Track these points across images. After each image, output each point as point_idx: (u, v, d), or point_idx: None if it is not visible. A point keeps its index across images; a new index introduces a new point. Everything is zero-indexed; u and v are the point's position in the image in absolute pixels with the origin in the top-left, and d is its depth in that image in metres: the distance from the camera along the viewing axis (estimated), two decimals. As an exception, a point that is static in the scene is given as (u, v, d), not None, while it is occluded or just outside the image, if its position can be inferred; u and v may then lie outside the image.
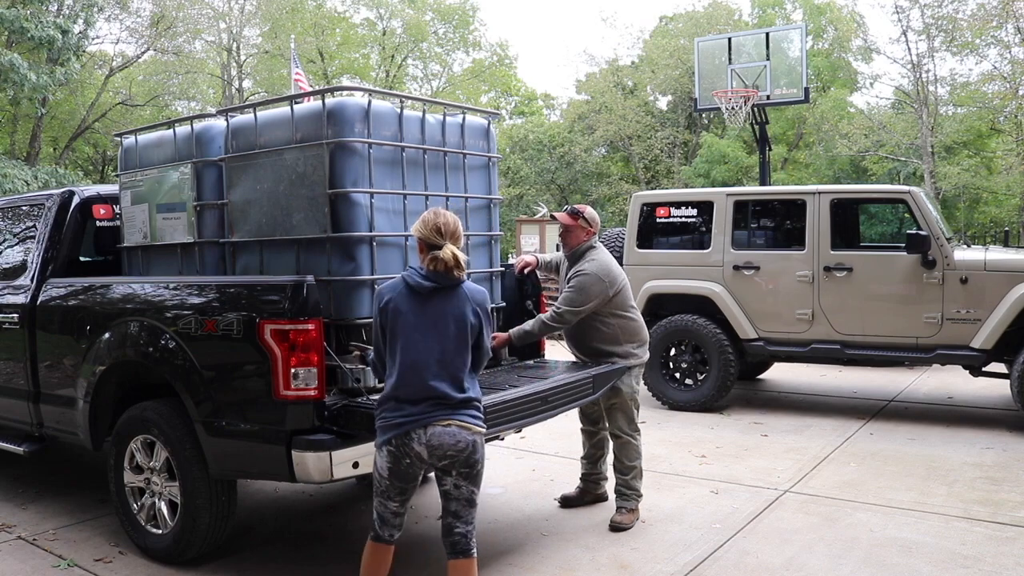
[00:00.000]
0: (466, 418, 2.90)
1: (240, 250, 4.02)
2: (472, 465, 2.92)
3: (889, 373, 9.00)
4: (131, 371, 4.16)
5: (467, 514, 2.97)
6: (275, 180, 3.79)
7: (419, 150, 4.00)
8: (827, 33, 29.84)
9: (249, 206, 3.93)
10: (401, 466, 2.90)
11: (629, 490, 4.44)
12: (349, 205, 3.62)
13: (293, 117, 3.74)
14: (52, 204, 4.82)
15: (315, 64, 30.45)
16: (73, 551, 4.15)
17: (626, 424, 4.44)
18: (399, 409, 2.87)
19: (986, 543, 4.05)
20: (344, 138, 3.62)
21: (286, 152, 3.75)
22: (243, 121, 4.02)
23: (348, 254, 3.64)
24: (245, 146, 3.94)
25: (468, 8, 34.09)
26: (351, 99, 3.79)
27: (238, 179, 3.97)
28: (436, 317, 2.90)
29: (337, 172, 3.60)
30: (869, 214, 10.92)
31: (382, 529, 3.03)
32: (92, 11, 20.63)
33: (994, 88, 23.41)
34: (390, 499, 2.98)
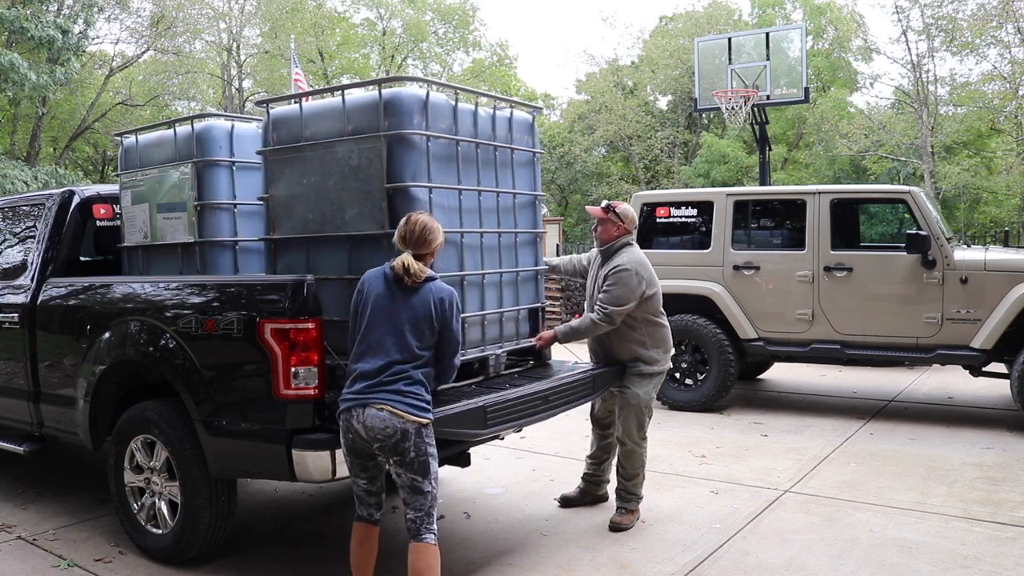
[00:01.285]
0: (400, 405, 2.96)
1: (283, 248, 3.84)
2: (401, 453, 2.97)
3: (889, 373, 9.00)
4: (131, 371, 4.15)
5: (413, 501, 3.05)
6: (324, 174, 3.63)
7: (471, 144, 3.87)
8: (827, 33, 29.86)
9: (294, 201, 3.75)
10: (347, 440, 3.05)
11: (629, 494, 4.43)
12: (408, 200, 3.47)
13: (345, 108, 3.58)
14: (52, 204, 4.81)
15: (315, 64, 30.46)
16: (73, 551, 4.15)
17: (636, 431, 4.35)
18: (350, 387, 3.03)
19: (986, 543, 4.05)
20: (403, 130, 3.48)
21: (338, 144, 3.58)
22: (286, 112, 3.83)
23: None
24: (288, 138, 3.76)
25: (468, 8, 34.10)
26: (408, 89, 3.62)
27: (281, 173, 3.78)
28: (399, 307, 3.05)
29: (395, 165, 3.46)
30: (869, 214, 10.94)
31: (360, 508, 3.20)
32: (92, 11, 20.62)
33: (994, 88, 23.42)
34: (357, 476, 3.14)
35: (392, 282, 3.08)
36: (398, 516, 4.62)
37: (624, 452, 4.40)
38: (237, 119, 4.59)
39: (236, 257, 4.40)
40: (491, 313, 3.96)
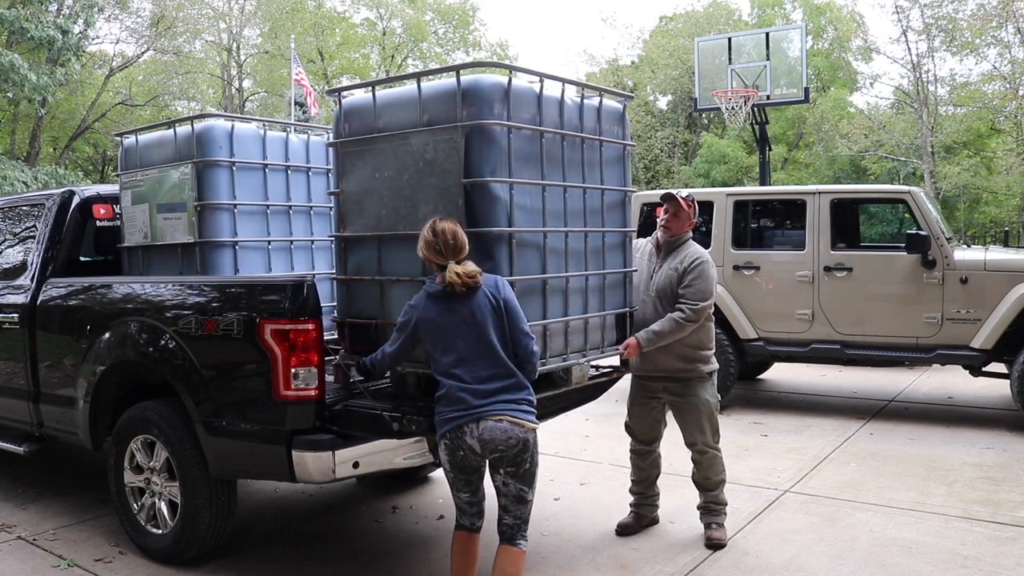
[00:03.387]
0: (519, 413, 2.95)
1: (353, 246, 3.57)
2: (519, 464, 2.98)
3: (889, 373, 9.00)
4: (131, 371, 4.15)
5: (515, 509, 3.06)
6: (398, 167, 3.36)
7: (556, 137, 3.52)
8: (827, 33, 29.86)
9: (366, 197, 3.49)
10: (457, 458, 3.00)
11: (718, 504, 4.16)
12: (487, 197, 3.20)
13: (420, 96, 3.30)
14: (52, 204, 4.81)
15: (315, 64, 30.45)
16: (73, 551, 4.15)
17: (711, 437, 4.09)
18: (452, 404, 2.96)
19: (986, 543, 4.05)
20: (482, 120, 3.18)
21: (412, 136, 3.31)
22: (358, 102, 3.57)
23: (486, 252, 3.20)
24: (361, 129, 3.49)
25: (468, 8, 34.10)
26: (488, 76, 3.32)
27: (352, 167, 3.53)
28: (464, 316, 2.96)
29: (473, 159, 3.17)
30: (869, 214, 10.94)
31: (462, 518, 3.16)
32: (92, 11, 20.63)
33: (994, 88, 23.42)
34: (459, 491, 3.11)
35: (445, 299, 2.98)
36: (398, 517, 4.64)
37: (705, 461, 4.11)
38: (237, 119, 4.59)
39: (236, 257, 4.40)
40: (575, 320, 3.63)
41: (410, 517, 4.64)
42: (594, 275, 3.77)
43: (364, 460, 3.43)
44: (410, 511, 4.74)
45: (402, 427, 3.22)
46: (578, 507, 4.72)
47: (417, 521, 4.57)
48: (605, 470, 5.40)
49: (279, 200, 4.65)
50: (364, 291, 3.54)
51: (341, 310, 3.66)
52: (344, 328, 3.61)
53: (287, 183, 4.69)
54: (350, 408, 3.42)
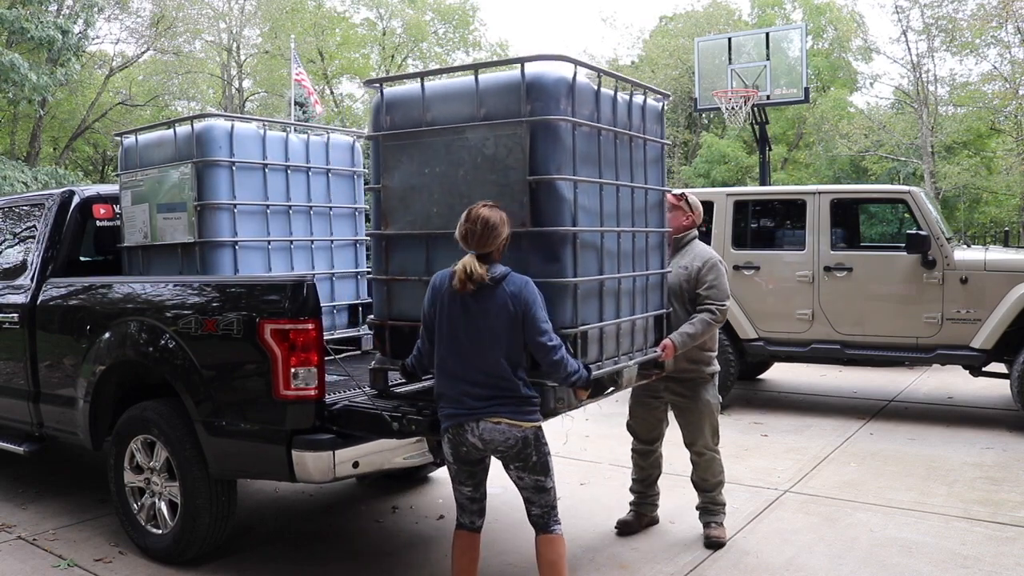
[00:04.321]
0: (515, 415, 2.92)
1: (397, 245, 3.43)
2: (525, 459, 2.97)
3: (889, 373, 9.00)
4: (131, 371, 4.15)
5: (538, 499, 3.05)
6: (452, 163, 3.22)
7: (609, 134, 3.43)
8: (827, 33, 29.86)
9: (412, 193, 3.33)
10: (460, 452, 3.00)
11: (716, 505, 4.18)
12: (553, 195, 3.08)
13: (478, 89, 3.16)
14: (52, 204, 4.81)
15: (315, 64, 30.46)
16: (73, 551, 4.15)
17: (711, 438, 4.12)
18: (453, 402, 2.95)
19: (986, 543, 4.05)
20: (549, 115, 3.06)
21: (469, 130, 3.16)
22: (403, 93, 3.42)
23: (551, 252, 3.10)
24: (406, 122, 3.34)
25: (468, 8, 34.10)
26: (551, 70, 3.17)
27: (396, 161, 3.36)
28: (479, 314, 2.90)
29: (539, 156, 3.05)
30: (869, 214, 10.95)
31: (462, 516, 3.14)
32: (92, 11, 20.64)
33: (994, 88, 23.43)
34: (462, 483, 3.09)
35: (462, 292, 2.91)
36: (398, 517, 4.64)
37: (703, 462, 4.14)
38: (237, 119, 4.59)
39: (236, 257, 4.40)
40: (625, 321, 3.56)
41: (410, 517, 4.64)
42: (641, 276, 3.73)
43: (364, 460, 3.43)
44: (410, 511, 4.74)
45: (402, 427, 3.22)
46: (578, 507, 4.71)
47: (417, 521, 4.57)
48: (605, 470, 5.40)
49: (279, 200, 4.65)
50: (409, 292, 3.39)
51: (379, 312, 3.50)
52: (384, 331, 3.47)
53: (287, 183, 4.69)
54: (350, 408, 3.42)
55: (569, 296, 3.13)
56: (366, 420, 3.33)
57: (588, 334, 3.25)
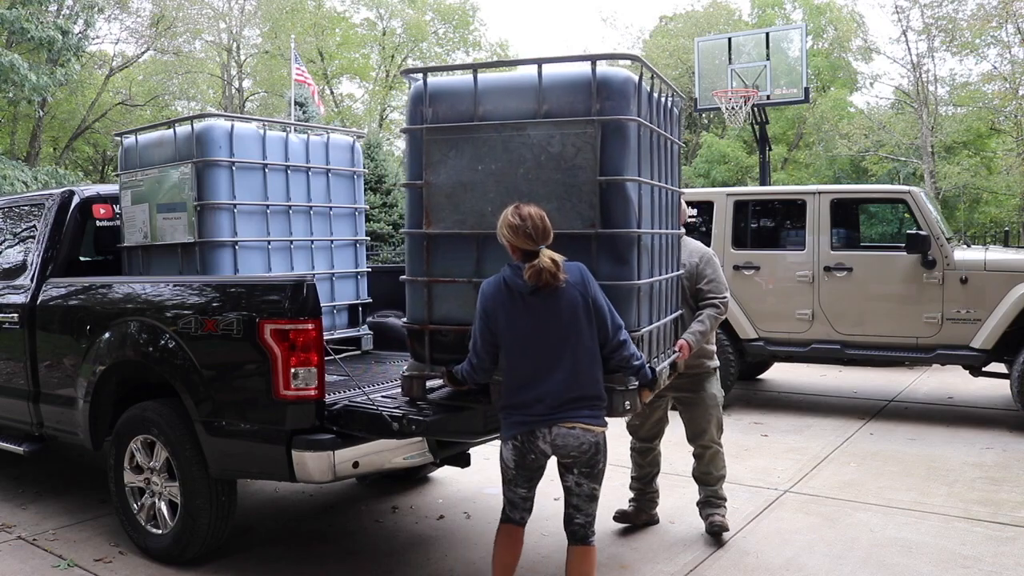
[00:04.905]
0: (591, 419, 2.87)
1: (440, 244, 3.23)
2: (593, 465, 2.93)
3: (889, 373, 9.00)
4: (131, 371, 4.15)
5: (587, 507, 3.01)
6: (510, 161, 3.08)
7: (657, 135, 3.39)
8: (827, 33, 29.87)
9: (462, 191, 3.15)
10: (526, 460, 2.94)
11: (718, 498, 4.20)
12: (622, 197, 3.02)
13: (541, 85, 3.04)
14: (52, 204, 4.82)
15: (315, 64, 30.46)
16: (73, 551, 4.15)
17: (716, 433, 4.16)
18: (524, 408, 2.86)
19: (986, 543, 4.05)
20: (622, 115, 3.00)
21: (531, 128, 3.05)
22: (450, 84, 3.25)
23: (619, 256, 3.05)
24: (453, 115, 3.17)
25: (468, 8, 34.11)
26: (619, 70, 3.11)
27: (442, 156, 3.18)
28: (545, 314, 2.82)
29: (611, 156, 2.99)
30: (869, 214, 10.94)
31: (512, 512, 3.09)
32: (92, 12, 20.66)
33: (994, 88, 23.44)
34: (518, 486, 3.04)
35: (526, 293, 2.80)
36: (398, 516, 4.64)
37: (708, 456, 4.17)
38: (237, 119, 4.59)
39: (236, 257, 4.40)
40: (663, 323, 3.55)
41: (410, 517, 4.64)
42: (673, 277, 3.73)
43: (364, 460, 3.43)
44: (410, 511, 4.74)
45: (402, 427, 3.21)
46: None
47: (417, 521, 4.57)
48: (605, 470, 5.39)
49: (279, 200, 4.65)
50: (454, 294, 3.22)
51: (417, 315, 3.30)
52: (423, 335, 3.28)
53: (287, 183, 4.70)
54: (350, 408, 3.42)
55: (635, 298, 3.10)
56: (366, 420, 3.33)
57: (650, 335, 3.24)
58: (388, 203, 19.83)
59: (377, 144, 20.77)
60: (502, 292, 2.85)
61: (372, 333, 5.18)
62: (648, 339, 3.27)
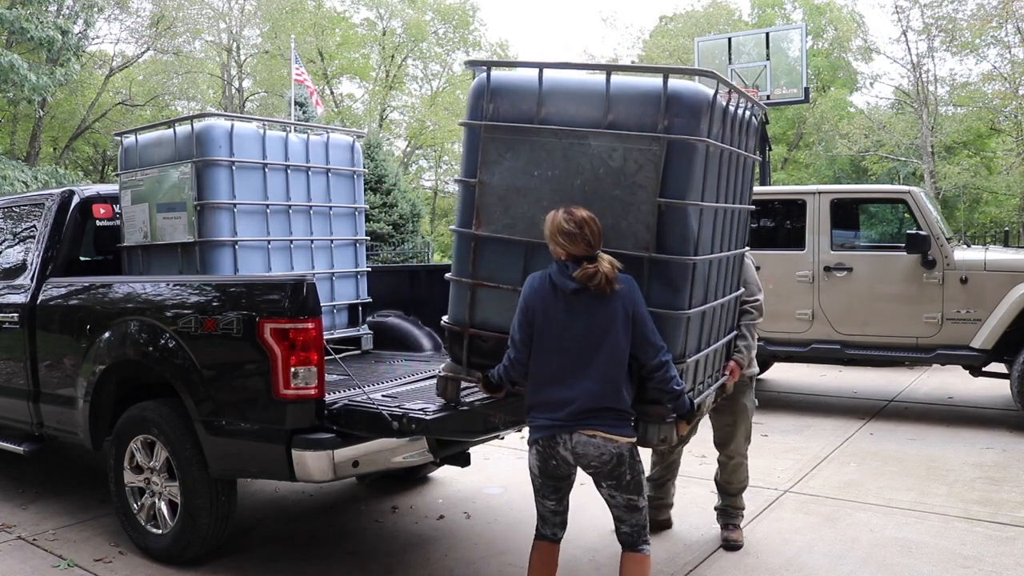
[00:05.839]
0: (612, 429, 2.75)
1: (487, 247, 3.07)
2: (618, 477, 2.81)
3: (889, 373, 9.00)
4: (131, 370, 4.15)
5: (629, 517, 2.90)
6: (568, 169, 2.91)
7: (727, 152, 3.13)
8: (827, 33, 29.89)
9: (515, 194, 3.00)
10: (548, 466, 2.84)
11: (736, 509, 4.16)
12: (681, 220, 2.83)
13: (609, 92, 2.84)
14: (52, 204, 4.81)
15: (315, 64, 30.47)
16: (73, 551, 4.14)
17: (744, 444, 4.11)
18: (548, 411, 2.78)
19: (986, 543, 4.05)
20: (691, 135, 2.79)
21: (593, 137, 2.87)
22: (514, 81, 3.06)
23: (671, 282, 2.87)
24: (513, 114, 2.99)
25: (468, 8, 34.12)
26: (689, 83, 2.91)
27: (498, 156, 3.01)
28: (584, 318, 2.74)
29: (674, 177, 2.79)
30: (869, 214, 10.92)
31: (544, 527, 3.01)
32: (92, 12, 20.67)
33: (994, 88, 23.45)
34: (545, 497, 2.94)
35: (571, 294, 2.72)
36: (398, 516, 4.64)
37: (732, 466, 4.11)
38: (237, 119, 4.59)
39: (236, 257, 4.40)
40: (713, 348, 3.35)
41: (410, 517, 4.64)
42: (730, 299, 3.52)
43: (364, 459, 3.43)
44: (410, 511, 4.74)
45: (402, 426, 3.21)
46: (578, 508, 4.69)
47: (417, 521, 4.57)
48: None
49: (279, 200, 4.65)
50: (497, 300, 3.07)
51: (458, 316, 3.17)
52: (463, 338, 3.15)
53: (287, 183, 4.70)
54: (350, 407, 3.42)
55: (683, 328, 2.92)
56: (366, 419, 3.32)
57: (696, 364, 3.08)
58: (388, 203, 19.83)
59: (377, 144, 20.78)
60: (546, 287, 2.78)
61: (372, 333, 5.18)
62: (694, 368, 3.08)
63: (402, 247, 19.52)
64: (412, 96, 34.83)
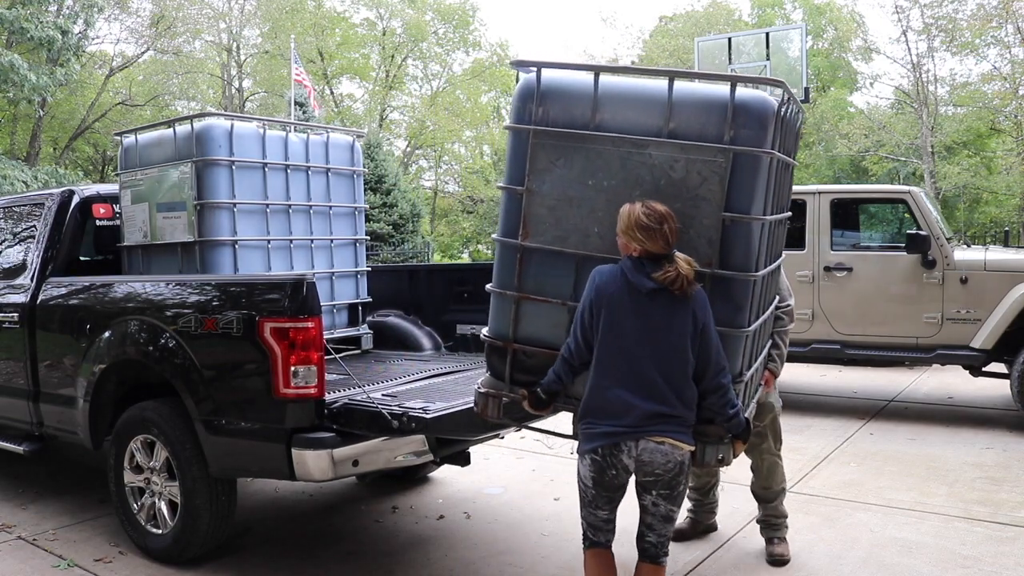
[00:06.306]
0: (680, 435, 2.63)
1: (534, 258, 2.90)
2: (674, 487, 2.69)
3: (889, 373, 9.00)
4: (131, 370, 4.15)
5: (661, 528, 2.77)
6: (626, 180, 2.75)
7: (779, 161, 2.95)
8: (827, 33, 29.90)
9: (567, 205, 2.84)
10: (606, 477, 2.68)
11: (779, 518, 3.99)
12: (745, 237, 2.69)
13: (671, 99, 2.69)
14: (52, 204, 4.82)
15: (315, 64, 30.47)
16: (73, 551, 4.14)
17: (774, 443, 3.98)
18: (610, 416, 2.63)
19: (986, 543, 4.05)
20: (758, 147, 2.65)
21: (654, 147, 2.71)
22: (566, 83, 2.86)
23: (733, 300, 2.74)
24: (565, 119, 2.81)
25: (468, 8, 34.12)
26: (757, 93, 2.76)
27: (548, 164, 2.84)
28: (656, 320, 2.61)
29: (739, 191, 2.65)
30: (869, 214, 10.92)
31: (595, 535, 2.83)
32: (92, 11, 20.66)
33: (994, 88, 23.45)
34: (598, 508, 2.77)
35: (644, 294, 2.59)
36: (398, 516, 4.64)
37: (766, 467, 3.97)
38: (237, 118, 4.60)
39: (236, 256, 4.40)
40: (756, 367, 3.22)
41: (410, 517, 4.64)
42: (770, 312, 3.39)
43: (364, 458, 3.43)
44: (410, 511, 4.74)
45: (402, 425, 3.22)
46: (578, 507, 4.70)
47: (417, 521, 4.57)
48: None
49: (279, 199, 4.65)
50: (544, 315, 2.90)
51: (500, 330, 2.99)
52: (506, 353, 2.98)
53: (287, 182, 4.70)
54: (350, 406, 3.42)
55: (743, 345, 2.80)
56: (366, 418, 3.33)
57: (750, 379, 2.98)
58: (388, 203, 19.84)
59: (377, 144, 20.79)
60: (617, 283, 2.62)
61: (372, 332, 5.18)
62: (748, 384, 3.00)
63: (402, 247, 19.54)
64: (412, 96, 34.85)
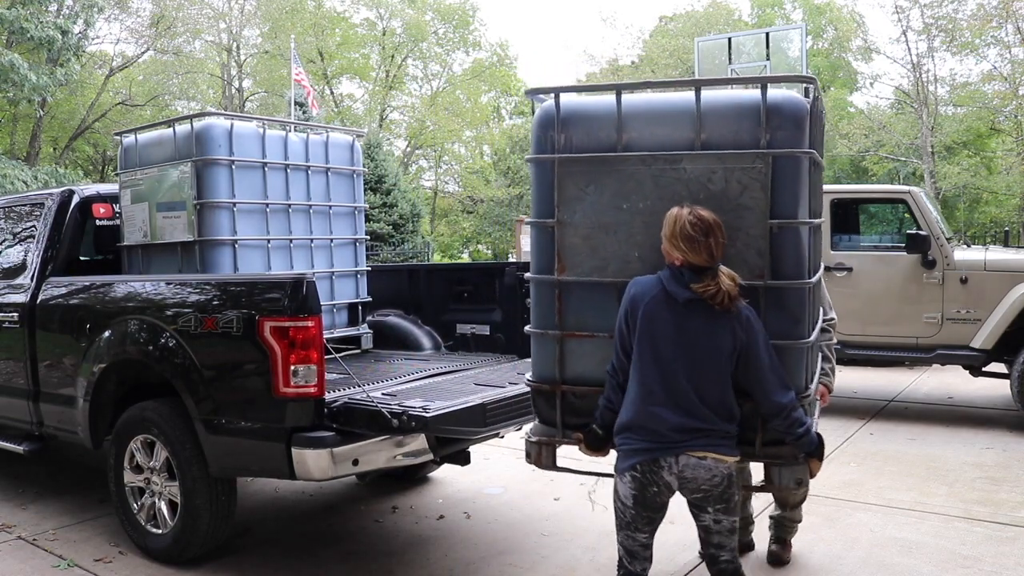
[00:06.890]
0: (723, 448, 2.52)
1: (574, 293, 2.80)
2: (728, 500, 2.57)
3: (889, 373, 9.00)
4: (131, 370, 4.15)
5: (729, 543, 2.64)
6: (661, 198, 2.64)
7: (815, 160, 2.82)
8: (827, 33, 29.91)
9: (602, 233, 2.73)
10: (647, 494, 2.56)
11: (794, 523, 3.92)
12: (794, 242, 2.60)
13: (699, 110, 2.60)
14: (52, 203, 4.81)
15: (315, 64, 30.47)
16: (73, 551, 4.14)
17: None
18: (648, 432, 2.53)
19: (986, 543, 4.05)
20: (797, 147, 2.55)
21: (687, 160, 2.62)
22: (586, 106, 2.79)
23: (789, 310, 2.62)
24: (591, 143, 2.72)
25: (468, 8, 34.12)
26: (789, 93, 2.65)
27: (577, 191, 2.74)
28: (692, 332, 2.50)
29: (782, 195, 2.56)
30: (869, 214, 10.92)
31: (632, 564, 2.69)
32: (92, 11, 20.67)
33: (994, 88, 23.45)
34: (638, 530, 2.64)
35: (684, 307, 2.48)
36: (398, 516, 4.64)
37: None
38: (237, 118, 4.60)
39: (236, 256, 4.40)
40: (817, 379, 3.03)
41: (410, 517, 4.64)
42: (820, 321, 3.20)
43: (364, 458, 3.42)
44: (410, 511, 4.74)
45: (402, 424, 3.22)
46: (578, 507, 4.71)
47: (417, 521, 4.57)
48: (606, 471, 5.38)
49: (278, 199, 4.65)
50: (590, 351, 2.79)
51: (545, 373, 2.87)
52: (554, 398, 2.87)
53: (286, 182, 4.70)
54: (350, 405, 3.42)
55: (804, 358, 2.67)
56: (366, 417, 3.33)
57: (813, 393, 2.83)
58: (388, 203, 19.85)
59: (377, 144, 20.79)
60: (654, 292, 2.53)
61: (371, 332, 5.18)
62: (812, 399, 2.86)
63: (402, 247, 19.54)
64: (412, 96, 34.85)
